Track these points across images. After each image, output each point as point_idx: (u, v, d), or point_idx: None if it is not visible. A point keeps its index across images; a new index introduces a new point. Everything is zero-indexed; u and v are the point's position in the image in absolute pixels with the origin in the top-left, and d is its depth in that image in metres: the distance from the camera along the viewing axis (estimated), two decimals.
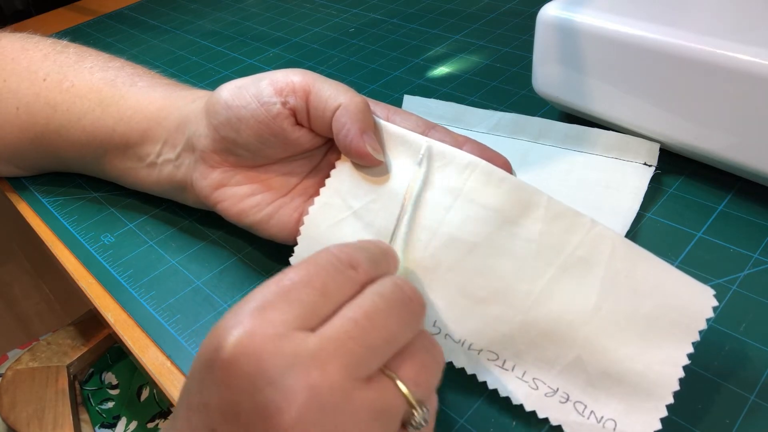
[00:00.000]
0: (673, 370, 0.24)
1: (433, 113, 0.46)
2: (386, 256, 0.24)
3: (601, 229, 0.26)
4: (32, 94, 0.39)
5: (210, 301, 0.34)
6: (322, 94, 0.30)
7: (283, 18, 0.69)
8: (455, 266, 0.27)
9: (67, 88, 0.38)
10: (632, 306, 0.25)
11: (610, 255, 0.26)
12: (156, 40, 0.67)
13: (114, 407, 0.61)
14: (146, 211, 0.41)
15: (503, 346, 0.27)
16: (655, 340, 0.25)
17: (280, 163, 0.33)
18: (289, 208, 0.33)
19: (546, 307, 0.26)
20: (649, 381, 0.24)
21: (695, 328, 0.24)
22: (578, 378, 0.25)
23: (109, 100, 0.37)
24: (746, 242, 0.33)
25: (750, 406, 0.26)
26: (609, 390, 0.25)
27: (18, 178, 0.45)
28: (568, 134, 0.41)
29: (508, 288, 0.27)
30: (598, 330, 0.25)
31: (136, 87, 0.37)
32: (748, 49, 0.31)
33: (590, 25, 0.37)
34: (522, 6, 0.63)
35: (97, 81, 0.38)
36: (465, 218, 0.27)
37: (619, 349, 0.25)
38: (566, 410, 0.25)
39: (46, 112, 0.38)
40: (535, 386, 0.26)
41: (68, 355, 0.61)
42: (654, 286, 0.25)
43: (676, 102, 0.35)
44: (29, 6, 0.88)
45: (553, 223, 0.27)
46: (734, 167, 0.36)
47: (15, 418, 0.55)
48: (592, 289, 0.26)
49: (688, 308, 0.24)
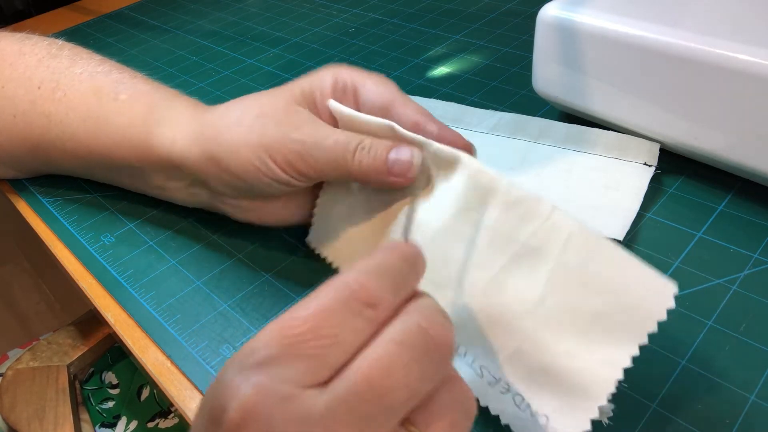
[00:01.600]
0: (611, 371, 0.23)
1: (433, 113, 0.45)
2: (414, 268, 0.21)
3: (558, 218, 0.25)
4: (28, 101, 0.38)
5: (210, 301, 0.34)
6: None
7: (283, 18, 0.69)
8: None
9: (60, 98, 0.38)
10: (579, 301, 0.24)
11: (563, 246, 0.25)
12: (156, 40, 0.67)
13: (114, 407, 0.61)
14: (146, 211, 0.41)
15: (457, 331, 0.26)
16: (598, 338, 0.23)
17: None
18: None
19: (495, 296, 0.25)
20: (586, 380, 0.23)
21: (644, 330, 0.23)
22: (519, 370, 0.25)
23: (95, 118, 0.37)
24: (746, 242, 0.33)
25: (750, 406, 0.26)
26: (546, 385, 0.24)
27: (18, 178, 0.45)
28: (568, 134, 0.41)
29: (463, 275, 0.26)
30: (540, 323, 0.24)
31: (118, 102, 0.37)
32: (748, 49, 0.31)
33: (590, 25, 0.37)
34: (522, 6, 0.63)
35: (85, 91, 0.38)
36: (430, 205, 0.28)
37: (559, 344, 0.24)
38: (505, 401, 0.25)
39: (41, 122, 0.38)
40: (481, 374, 0.26)
41: (68, 355, 0.61)
42: (607, 282, 0.23)
43: (676, 102, 0.35)
44: (29, 6, 0.88)
45: (510, 210, 0.26)
46: (734, 167, 0.36)
47: (15, 418, 0.55)
48: (539, 281, 0.25)
49: (641, 308, 0.23)
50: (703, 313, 0.30)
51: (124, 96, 0.37)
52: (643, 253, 0.34)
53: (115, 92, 0.37)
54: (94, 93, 0.38)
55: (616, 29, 0.36)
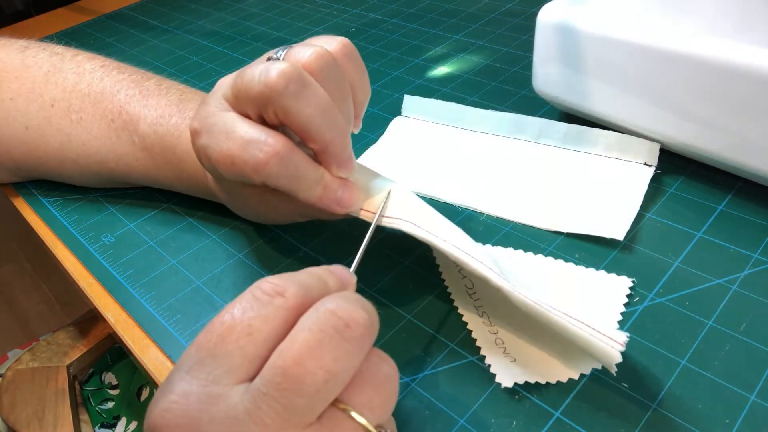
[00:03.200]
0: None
1: (433, 113, 0.46)
2: (321, 280, 0.22)
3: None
4: (43, 117, 0.39)
5: (210, 301, 0.34)
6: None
7: (283, 18, 0.69)
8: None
9: (77, 121, 0.39)
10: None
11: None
12: (156, 40, 0.67)
13: (114, 407, 0.61)
14: (146, 211, 0.41)
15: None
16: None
17: None
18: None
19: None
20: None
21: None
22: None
23: (111, 144, 0.38)
24: (746, 242, 0.33)
25: (750, 406, 0.26)
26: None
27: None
28: (568, 134, 0.41)
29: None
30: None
31: (127, 133, 0.38)
32: (748, 49, 0.31)
33: (590, 25, 0.37)
34: (522, 6, 0.64)
35: (99, 119, 0.38)
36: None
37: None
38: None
39: (59, 140, 0.39)
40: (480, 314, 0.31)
41: (68, 355, 0.61)
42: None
43: (676, 102, 0.35)
44: (29, 6, 0.88)
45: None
46: (734, 167, 0.36)
47: (15, 418, 0.55)
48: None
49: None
50: (703, 313, 0.30)
51: (139, 134, 0.38)
52: (643, 253, 0.34)
53: (125, 121, 0.38)
54: (108, 124, 0.38)
55: (616, 29, 0.36)
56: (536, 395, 0.27)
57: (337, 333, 0.19)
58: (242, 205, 0.36)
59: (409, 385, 0.28)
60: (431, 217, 0.30)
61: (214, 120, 0.28)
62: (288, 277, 0.21)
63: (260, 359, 0.19)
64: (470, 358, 0.29)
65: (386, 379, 0.21)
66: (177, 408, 0.19)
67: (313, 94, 0.26)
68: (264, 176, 0.27)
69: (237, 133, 0.27)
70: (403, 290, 0.33)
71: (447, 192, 0.39)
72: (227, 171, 0.28)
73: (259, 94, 0.26)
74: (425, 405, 0.28)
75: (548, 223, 0.36)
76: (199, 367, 0.19)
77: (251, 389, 0.18)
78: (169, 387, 0.19)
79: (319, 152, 0.28)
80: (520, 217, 0.37)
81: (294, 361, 0.18)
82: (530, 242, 0.35)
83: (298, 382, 0.18)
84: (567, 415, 0.26)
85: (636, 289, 0.32)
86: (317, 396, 0.18)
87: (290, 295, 0.20)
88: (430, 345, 0.30)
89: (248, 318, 0.20)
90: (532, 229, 0.36)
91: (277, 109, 0.26)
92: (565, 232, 0.35)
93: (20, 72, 0.40)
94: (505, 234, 0.36)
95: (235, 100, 0.28)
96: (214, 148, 0.28)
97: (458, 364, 0.29)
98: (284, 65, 0.26)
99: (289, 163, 0.27)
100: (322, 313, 0.19)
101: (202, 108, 0.29)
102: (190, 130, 0.30)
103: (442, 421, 0.27)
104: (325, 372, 0.18)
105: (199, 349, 0.20)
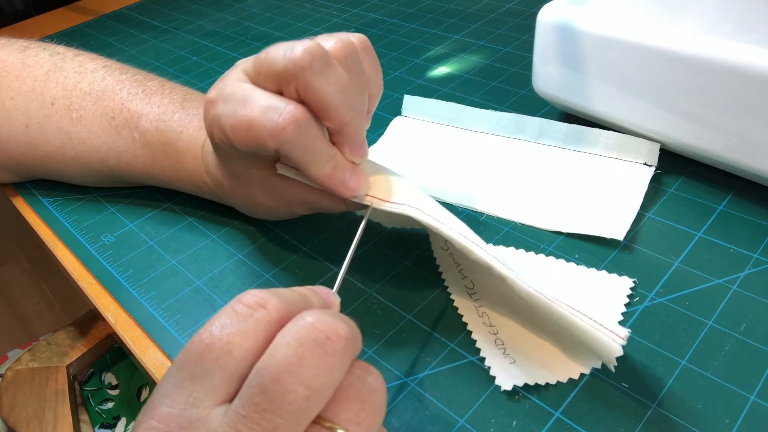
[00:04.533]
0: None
1: (433, 113, 0.46)
2: (304, 297, 0.22)
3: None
4: (43, 116, 0.39)
5: (210, 301, 0.34)
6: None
7: (283, 18, 0.69)
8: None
9: (77, 119, 0.39)
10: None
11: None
12: (156, 40, 0.67)
13: (114, 407, 0.61)
14: (146, 211, 0.41)
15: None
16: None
17: None
18: None
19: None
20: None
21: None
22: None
23: (111, 142, 0.38)
24: (746, 242, 0.33)
25: (750, 406, 0.26)
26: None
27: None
28: (568, 134, 0.41)
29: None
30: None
31: (128, 130, 0.38)
32: (748, 49, 0.31)
33: (590, 25, 0.37)
34: (522, 6, 0.64)
35: (99, 117, 0.39)
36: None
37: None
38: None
39: (60, 138, 0.39)
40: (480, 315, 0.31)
41: (68, 355, 0.61)
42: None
43: (676, 102, 0.35)
44: (29, 6, 0.88)
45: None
46: (734, 167, 0.36)
47: (15, 419, 0.55)
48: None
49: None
50: (703, 313, 0.30)
51: (140, 130, 0.38)
52: (643, 253, 0.34)
53: (119, 109, 0.38)
54: (108, 121, 0.39)
55: (616, 29, 0.36)
56: (536, 395, 0.27)
57: (318, 346, 0.18)
58: (244, 193, 0.35)
59: (409, 385, 0.28)
60: (436, 207, 0.30)
61: (233, 89, 0.28)
62: (270, 291, 0.20)
63: (241, 378, 0.18)
64: (470, 359, 0.29)
65: (371, 392, 0.20)
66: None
67: (335, 73, 0.26)
68: (279, 142, 0.27)
69: (257, 100, 0.27)
70: (403, 290, 0.33)
71: (447, 192, 0.39)
72: (242, 137, 0.28)
73: (283, 69, 0.26)
74: (425, 405, 0.28)
75: (548, 223, 0.36)
76: (179, 389, 0.18)
77: (230, 411, 0.18)
78: (151, 410, 0.19)
79: (335, 132, 0.28)
80: (520, 217, 0.37)
81: (273, 378, 0.17)
82: (530, 242, 0.35)
83: (278, 402, 0.17)
84: (567, 415, 0.26)
85: (636, 289, 0.32)
86: (299, 414, 0.17)
87: (272, 308, 0.19)
88: (430, 345, 0.30)
89: (227, 335, 0.19)
90: (532, 229, 0.36)
91: (299, 84, 0.26)
92: (565, 232, 0.35)
93: (20, 71, 0.40)
94: (505, 234, 0.36)
95: (256, 74, 0.28)
96: (231, 114, 0.28)
97: (458, 364, 0.29)
98: (310, 43, 0.26)
99: (306, 132, 0.27)
100: (302, 327, 0.18)
101: (220, 81, 0.30)
102: (205, 100, 0.30)
103: (442, 421, 0.27)
104: (306, 389, 0.17)
105: (179, 369, 0.19)
